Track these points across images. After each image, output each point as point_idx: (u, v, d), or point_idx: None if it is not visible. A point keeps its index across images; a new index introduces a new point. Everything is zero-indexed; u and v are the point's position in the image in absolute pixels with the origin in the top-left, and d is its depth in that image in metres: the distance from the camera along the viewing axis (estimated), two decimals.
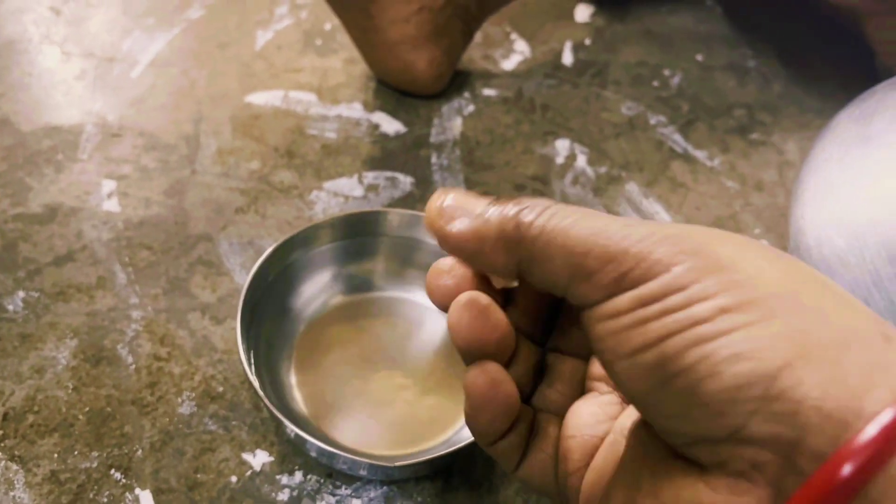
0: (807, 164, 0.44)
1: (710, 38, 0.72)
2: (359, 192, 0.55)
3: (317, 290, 0.46)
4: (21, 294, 0.47)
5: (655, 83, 0.67)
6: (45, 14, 0.64)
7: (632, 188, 0.58)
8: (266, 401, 0.38)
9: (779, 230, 0.56)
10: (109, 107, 0.58)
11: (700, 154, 0.61)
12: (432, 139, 0.59)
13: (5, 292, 0.47)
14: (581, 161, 0.59)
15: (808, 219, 0.42)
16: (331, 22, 0.67)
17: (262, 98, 0.60)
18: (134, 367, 0.45)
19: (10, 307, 0.46)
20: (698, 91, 0.67)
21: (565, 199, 0.57)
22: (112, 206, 0.52)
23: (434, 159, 0.58)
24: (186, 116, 0.58)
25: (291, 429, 0.38)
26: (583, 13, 0.74)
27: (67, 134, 0.56)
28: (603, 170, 0.59)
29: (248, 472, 0.41)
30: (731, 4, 0.76)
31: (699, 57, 0.70)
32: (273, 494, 0.41)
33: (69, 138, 0.55)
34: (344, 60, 0.64)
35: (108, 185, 0.53)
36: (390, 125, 0.60)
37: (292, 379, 0.44)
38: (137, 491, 0.40)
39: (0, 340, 0.45)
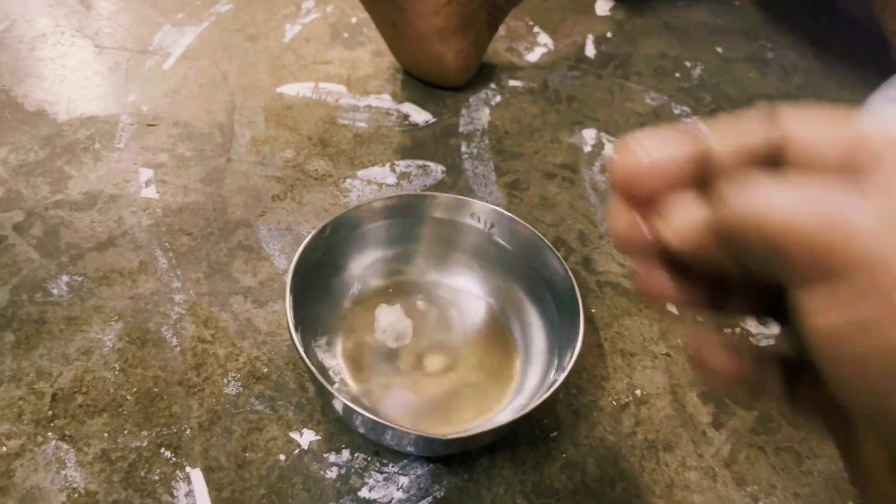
0: None
1: (729, 30, 0.73)
2: (391, 179, 0.56)
3: (360, 272, 0.47)
4: (65, 278, 0.47)
5: (677, 74, 0.67)
6: (76, 8, 0.65)
7: None
8: (317, 374, 0.39)
9: None
10: (143, 98, 0.58)
11: None
12: (461, 129, 0.60)
13: (49, 277, 0.47)
14: (609, 149, 0.60)
15: None
16: (356, 16, 0.68)
17: (293, 89, 0.61)
18: (179, 349, 0.45)
19: (55, 291, 0.47)
20: (720, 82, 0.67)
21: (594, 187, 0.57)
22: (150, 193, 0.52)
23: (464, 148, 0.59)
24: (220, 107, 0.59)
25: (340, 400, 0.38)
26: (602, 7, 0.75)
27: (104, 124, 0.56)
28: None
29: (296, 451, 0.42)
30: None
31: (719, 49, 0.71)
32: (321, 472, 0.41)
33: (105, 128, 0.56)
34: (371, 53, 0.65)
35: (146, 174, 0.53)
36: (419, 115, 0.61)
37: (337, 359, 0.44)
38: (188, 469, 0.41)
39: (46, 324, 0.45)
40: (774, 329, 0.50)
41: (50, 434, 0.41)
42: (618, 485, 0.43)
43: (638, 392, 0.47)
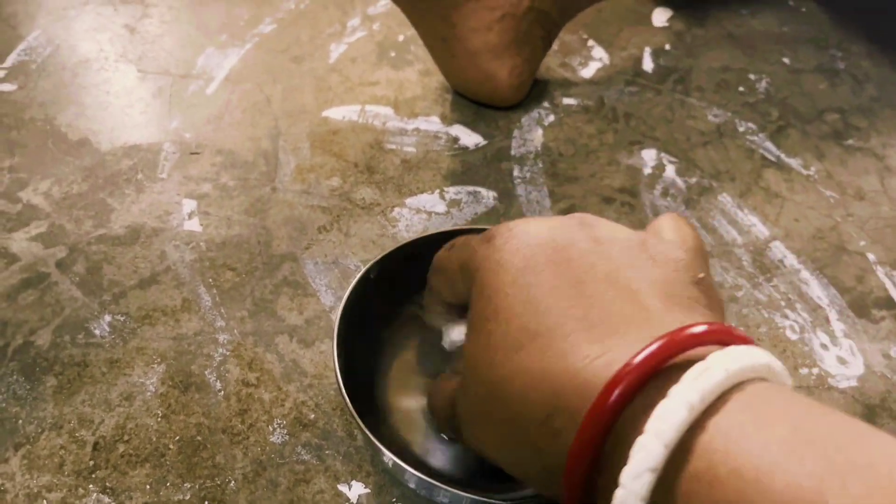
0: None
1: (796, 39, 0.69)
2: (441, 207, 0.53)
3: (407, 318, 0.45)
4: (108, 318, 0.46)
5: (741, 88, 0.64)
6: (120, 32, 0.64)
7: (725, 199, 0.55)
8: (362, 425, 0.36)
9: (886, 242, 0.53)
10: (186, 125, 0.57)
11: (794, 162, 0.58)
12: (513, 151, 0.57)
13: (92, 317, 0.46)
14: (670, 171, 0.57)
15: None
16: (404, 33, 0.66)
17: (339, 113, 0.59)
18: (223, 393, 0.43)
19: (97, 332, 0.45)
20: (787, 95, 0.64)
21: (656, 212, 0.54)
22: (193, 225, 0.51)
23: (516, 172, 0.56)
24: (264, 133, 0.57)
25: (389, 457, 0.36)
26: (660, 17, 0.71)
27: (146, 153, 0.55)
28: (693, 180, 0.57)
29: None
30: (817, 3, 0.73)
31: (785, 60, 0.67)
32: None
33: (148, 157, 0.55)
34: (419, 72, 0.63)
35: (189, 205, 0.52)
36: (469, 138, 0.58)
37: (388, 404, 0.42)
38: None
39: (88, 367, 0.44)
40: (855, 370, 0.46)
41: (91, 486, 0.40)
42: None
43: None
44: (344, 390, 0.38)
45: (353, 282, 0.41)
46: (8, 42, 0.62)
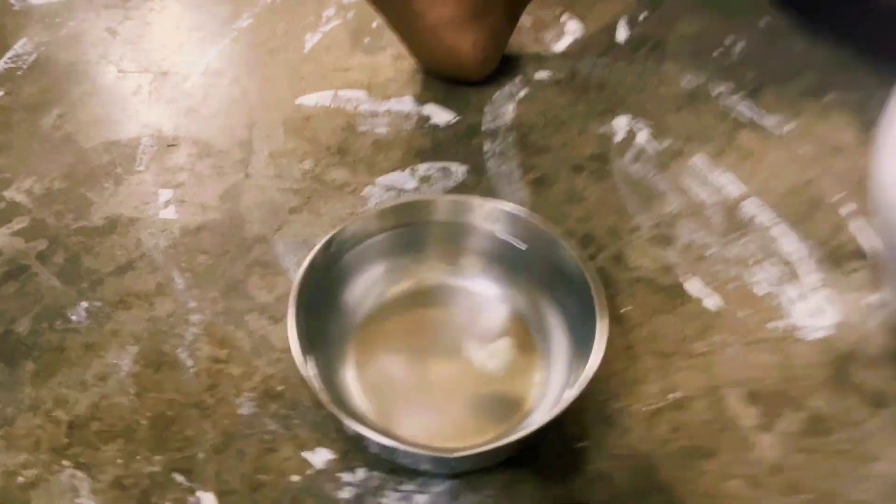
0: (886, 118, 0.41)
1: (773, 1, 0.69)
2: (411, 184, 0.54)
3: (371, 283, 0.45)
4: (84, 304, 0.47)
5: (716, 53, 0.63)
6: (102, 35, 0.66)
7: (697, 161, 0.55)
8: (319, 394, 0.37)
9: (862, 194, 0.52)
10: (164, 118, 0.59)
11: (770, 121, 0.58)
12: (484, 127, 0.58)
13: (69, 304, 0.48)
14: (641, 137, 0.57)
15: (889, 175, 0.39)
16: (378, 20, 0.67)
17: (312, 99, 0.60)
18: (194, 370, 0.44)
19: (74, 318, 0.47)
20: (764, 57, 0.63)
21: (626, 178, 0.54)
22: (169, 214, 0.52)
23: (487, 146, 0.56)
24: (239, 122, 0.58)
25: (348, 425, 0.36)
26: None
27: (125, 147, 0.57)
28: (665, 145, 0.56)
29: (310, 471, 0.41)
30: None
31: (761, 23, 0.66)
32: (335, 493, 0.40)
33: (127, 151, 0.56)
34: (392, 56, 0.63)
35: (165, 194, 0.53)
36: (441, 116, 0.59)
37: (351, 374, 0.43)
38: (200, 493, 0.40)
39: (65, 351, 0.45)
40: (826, 321, 0.46)
41: (65, 462, 0.41)
42: (653, 497, 0.40)
43: (673, 395, 0.43)
44: (300, 360, 0.38)
45: (313, 252, 0.42)
46: None
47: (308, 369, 0.39)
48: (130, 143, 0.57)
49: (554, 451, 0.41)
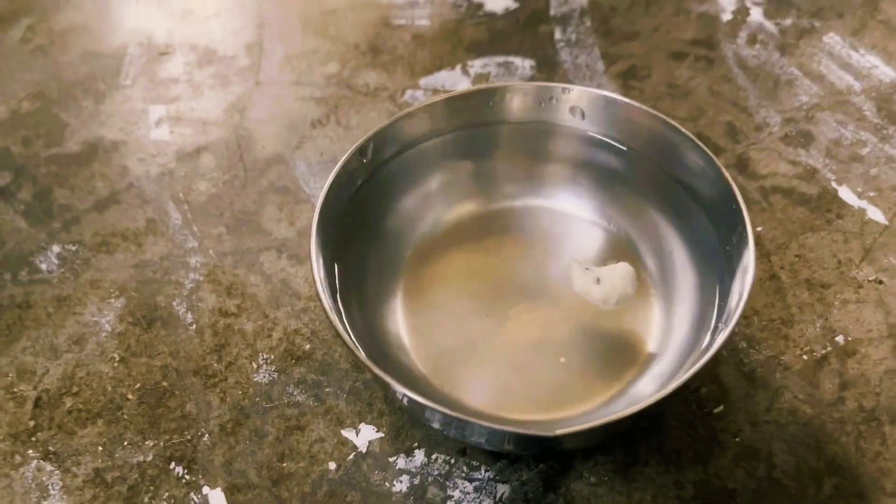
0: None
1: None
2: (465, 84, 0.43)
3: (421, 203, 0.35)
4: (56, 249, 0.37)
5: None
6: None
7: (833, 39, 0.43)
8: (363, 357, 0.26)
9: None
10: (155, 22, 0.49)
11: None
12: (552, 11, 0.47)
13: (37, 249, 0.38)
14: (756, 14, 0.45)
15: None
16: None
17: None
18: (195, 327, 0.34)
19: (44, 266, 0.37)
20: None
21: (743, 64, 0.42)
22: (161, 134, 0.42)
23: (558, 35, 0.45)
24: (246, 22, 0.48)
25: (400, 391, 0.25)
26: None
27: (108, 59, 0.47)
28: (788, 22, 0.44)
29: (352, 456, 0.30)
30: None
31: None
32: (387, 484, 0.30)
33: (110, 63, 0.46)
34: None
35: (157, 112, 0.43)
36: (497, 2, 0.47)
37: (400, 325, 0.32)
38: (206, 490, 0.30)
39: (32, 308, 0.35)
40: None
41: (30, 452, 0.32)
42: (826, 480, 0.29)
43: (840, 339, 0.32)
44: (330, 309, 0.27)
45: (340, 163, 0.31)
46: None
47: (342, 320, 0.27)
48: (115, 53, 0.47)
49: (683, 420, 0.30)
